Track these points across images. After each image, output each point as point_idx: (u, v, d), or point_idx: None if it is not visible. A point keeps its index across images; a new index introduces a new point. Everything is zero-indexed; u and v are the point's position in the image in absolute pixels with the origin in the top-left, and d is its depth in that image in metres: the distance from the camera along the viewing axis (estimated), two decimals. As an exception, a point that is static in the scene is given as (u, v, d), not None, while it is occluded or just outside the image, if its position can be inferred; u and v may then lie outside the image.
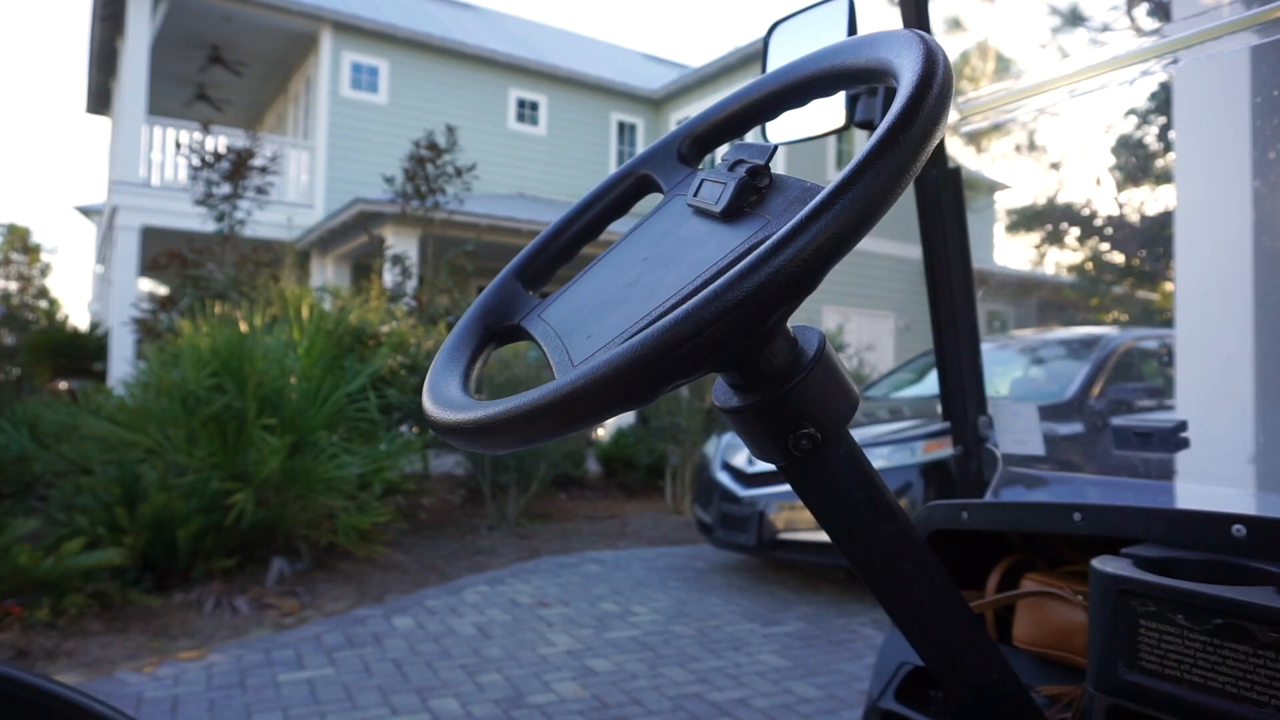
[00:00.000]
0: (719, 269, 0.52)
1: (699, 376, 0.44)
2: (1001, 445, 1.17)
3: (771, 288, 0.42)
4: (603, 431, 8.62)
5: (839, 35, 0.92)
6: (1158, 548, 0.73)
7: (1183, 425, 1.01)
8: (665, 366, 0.42)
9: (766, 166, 0.57)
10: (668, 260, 0.57)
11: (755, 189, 0.56)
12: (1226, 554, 0.69)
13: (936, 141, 0.47)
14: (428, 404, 0.55)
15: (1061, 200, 17.09)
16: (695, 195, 0.60)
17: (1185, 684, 0.63)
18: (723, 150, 0.68)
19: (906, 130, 0.45)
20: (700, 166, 0.68)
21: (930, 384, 5.72)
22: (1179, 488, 1.17)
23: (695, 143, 0.68)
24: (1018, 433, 1.16)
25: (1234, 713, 0.60)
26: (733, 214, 0.56)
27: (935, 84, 0.47)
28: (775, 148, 0.60)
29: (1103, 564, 0.70)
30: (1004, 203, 18.08)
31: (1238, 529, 0.69)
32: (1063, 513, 0.82)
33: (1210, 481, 1.21)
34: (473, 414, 0.49)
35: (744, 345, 0.43)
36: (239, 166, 8.47)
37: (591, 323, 0.56)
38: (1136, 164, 15.38)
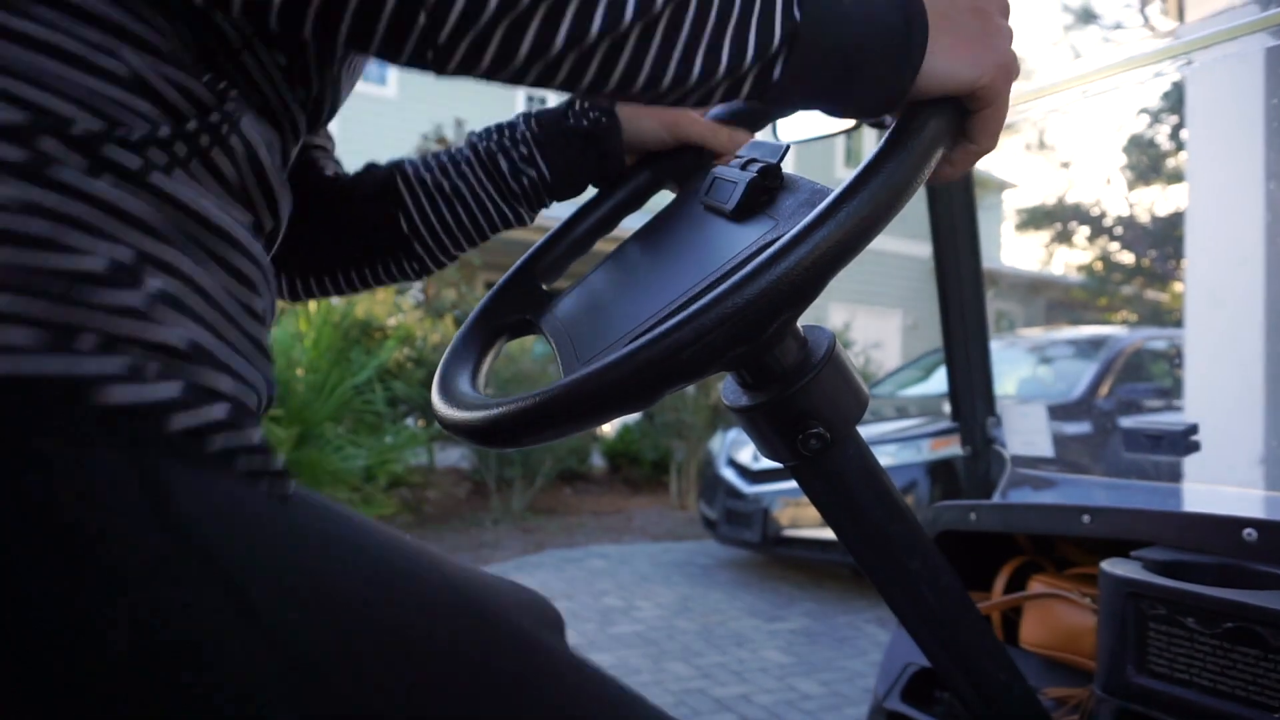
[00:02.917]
0: (728, 269, 0.52)
1: (704, 379, 0.44)
2: (1010, 446, 1.17)
3: (773, 295, 0.42)
4: (608, 427, 8.63)
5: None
6: (1167, 551, 0.73)
7: (1193, 428, 1.00)
8: (667, 370, 0.42)
9: (778, 166, 0.57)
10: (679, 258, 0.57)
11: (766, 189, 0.56)
12: (1237, 557, 0.69)
13: (944, 147, 0.47)
14: (436, 400, 0.55)
15: (1071, 199, 17.03)
16: (708, 193, 0.60)
17: (1194, 688, 0.63)
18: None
19: (917, 136, 0.45)
20: (714, 163, 0.68)
21: (936, 382, 5.71)
22: (1189, 490, 1.16)
23: (738, 116, 0.69)
24: (1026, 433, 1.15)
25: (1244, 717, 0.60)
26: (743, 213, 0.56)
27: None
28: (787, 147, 0.59)
29: (1112, 567, 0.70)
30: (1012, 201, 18.03)
31: (1248, 533, 0.69)
32: (1071, 515, 0.82)
33: (1220, 484, 1.20)
34: (481, 412, 0.49)
35: (747, 350, 0.43)
36: (248, 158, 8.47)
37: (601, 320, 0.56)
38: (1148, 163, 15.31)
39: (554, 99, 0.61)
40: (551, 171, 0.69)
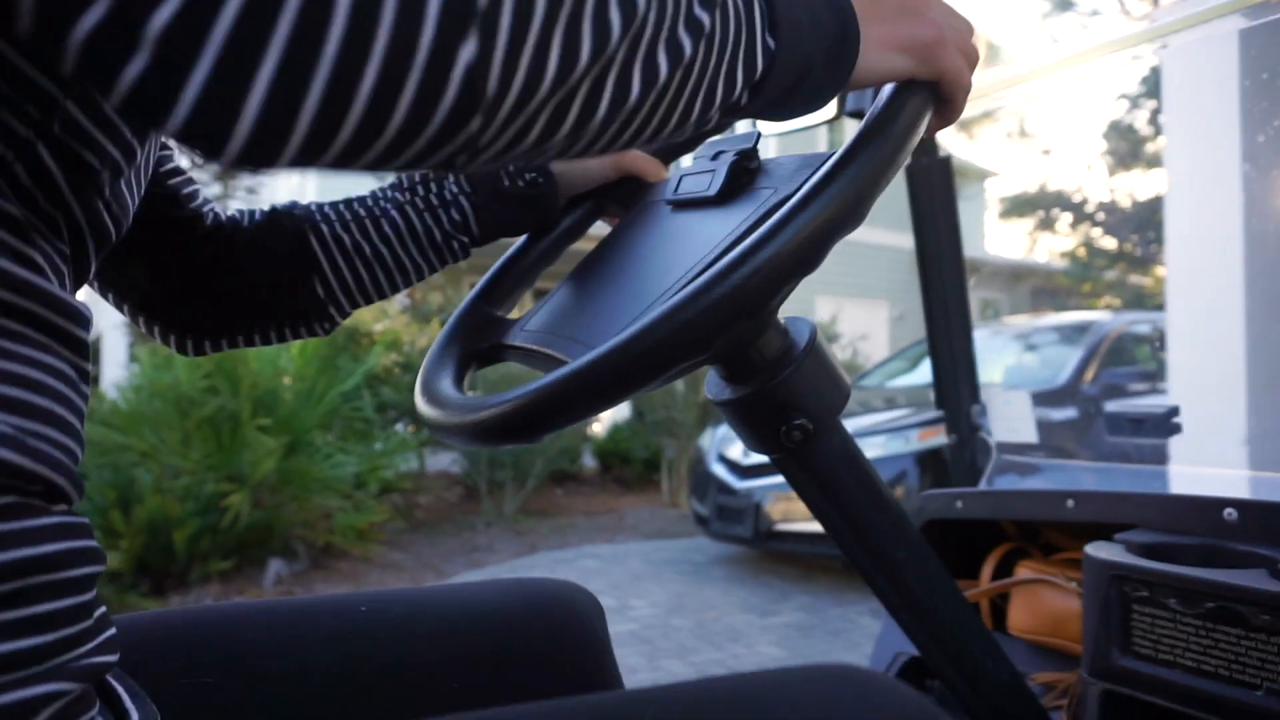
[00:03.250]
0: (733, 239, 0.51)
1: (728, 342, 0.44)
2: (995, 433, 1.17)
3: (830, 217, 0.43)
4: (599, 426, 8.62)
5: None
6: (1150, 533, 0.73)
7: (1174, 410, 1.01)
8: (736, 304, 0.42)
9: (755, 148, 0.58)
10: (669, 248, 0.57)
11: (747, 170, 0.57)
12: (1219, 538, 0.70)
13: (921, 132, 0.48)
14: (447, 416, 0.53)
15: (1052, 186, 17.14)
16: (676, 192, 0.60)
17: (1178, 668, 0.64)
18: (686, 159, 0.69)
19: (906, 102, 0.47)
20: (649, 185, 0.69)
21: (923, 372, 5.73)
22: (1171, 472, 1.17)
23: (664, 150, 0.70)
24: (1011, 420, 1.16)
25: (1227, 695, 0.61)
26: (729, 195, 0.56)
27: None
28: (759, 135, 0.60)
29: (1096, 550, 0.71)
30: (994, 190, 18.13)
31: (1229, 513, 0.69)
32: (1056, 499, 0.82)
33: (1204, 465, 1.21)
34: (503, 403, 0.47)
35: (778, 304, 0.45)
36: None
37: (602, 312, 0.56)
38: (1127, 148, 15.41)
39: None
40: (483, 232, 0.68)
